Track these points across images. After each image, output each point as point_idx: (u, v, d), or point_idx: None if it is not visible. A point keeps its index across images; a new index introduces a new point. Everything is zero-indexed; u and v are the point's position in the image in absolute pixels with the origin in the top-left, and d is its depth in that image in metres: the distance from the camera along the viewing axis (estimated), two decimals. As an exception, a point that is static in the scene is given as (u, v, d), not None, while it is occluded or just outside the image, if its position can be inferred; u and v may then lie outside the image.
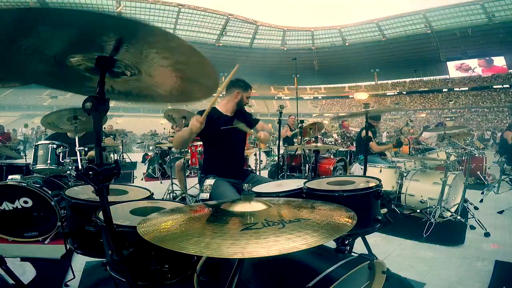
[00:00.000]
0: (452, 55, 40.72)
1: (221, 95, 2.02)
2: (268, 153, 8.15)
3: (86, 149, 2.93)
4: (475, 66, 39.95)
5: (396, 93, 45.77)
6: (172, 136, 6.32)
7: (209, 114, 2.23)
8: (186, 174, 4.11)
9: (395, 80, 47.49)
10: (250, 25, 45.33)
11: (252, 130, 2.36)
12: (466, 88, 40.49)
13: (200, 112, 2.13)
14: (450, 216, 3.10)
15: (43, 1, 32.79)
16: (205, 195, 2.01)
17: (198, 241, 0.73)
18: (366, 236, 1.81)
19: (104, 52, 0.85)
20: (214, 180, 2.09)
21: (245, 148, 2.67)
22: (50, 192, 2.55)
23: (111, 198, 1.57)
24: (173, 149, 5.44)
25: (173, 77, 0.99)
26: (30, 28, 0.68)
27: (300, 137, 5.04)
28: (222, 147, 2.25)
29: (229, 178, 2.20)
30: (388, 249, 2.63)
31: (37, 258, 2.24)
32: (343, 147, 6.61)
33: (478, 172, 5.70)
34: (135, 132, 21.89)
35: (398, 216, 3.50)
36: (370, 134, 2.93)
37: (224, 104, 2.34)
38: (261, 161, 6.34)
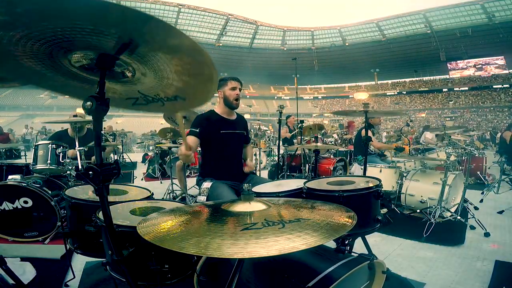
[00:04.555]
0: (452, 55, 40.73)
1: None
2: (268, 153, 8.16)
3: (86, 149, 2.94)
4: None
5: (396, 93, 45.78)
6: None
7: (209, 118, 2.23)
8: (186, 174, 4.11)
9: (395, 80, 47.51)
10: (250, 25, 45.34)
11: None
12: (466, 88, 40.50)
13: (192, 131, 2.15)
14: (450, 216, 3.10)
15: None
16: (203, 198, 2.00)
17: (198, 241, 0.73)
18: (366, 236, 1.81)
19: (108, 50, 0.84)
20: (211, 182, 2.08)
21: None
22: (50, 192, 2.55)
23: (111, 198, 1.58)
24: (173, 149, 5.44)
25: (170, 81, 0.99)
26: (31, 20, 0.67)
27: (300, 137, 5.05)
28: (221, 150, 2.23)
29: (227, 180, 2.18)
30: (388, 249, 2.63)
31: (37, 258, 2.23)
32: (342, 147, 6.62)
33: (478, 172, 5.69)
34: (135, 132, 21.87)
35: (398, 216, 3.50)
36: (369, 133, 2.93)
37: (218, 107, 2.32)
38: (261, 161, 6.35)
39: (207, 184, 2.07)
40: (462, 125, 28.44)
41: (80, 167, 2.75)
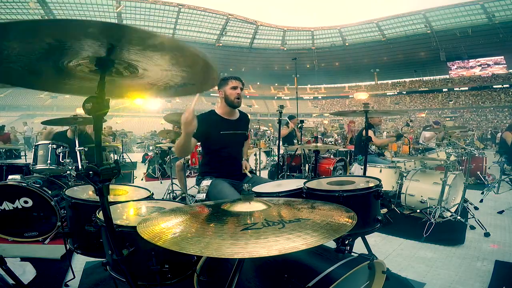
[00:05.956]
0: (452, 55, 40.72)
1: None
2: (268, 153, 8.15)
3: (86, 149, 2.94)
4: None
5: (396, 93, 45.73)
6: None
7: (209, 119, 2.22)
8: (186, 174, 4.11)
9: (395, 80, 47.46)
10: (250, 25, 45.30)
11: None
12: (466, 88, 40.47)
13: (198, 116, 2.04)
14: (450, 216, 3.10)
15: (43, 1, 32.88)
16: (202, 196, 1.99)
17: (198, 241, 0.73)
18: (366, 236, 1.81)
19: (100, 54, 0.86)
20: (211, 180, 2.07)
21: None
22: (50, 192, 2.55)
23: (111, 198, 1.58)
24: (173, 149, 5.44)
25: (172, 72, 1.01)
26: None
27: (300, 137, 5.05)
28: (221, 150, 2.22)
29: (227, 179, 2.18)
30: (388, 249, 2.63)
31: (37, 258, 2.24)
32: (343, 147, 6.63)
33: (478, 172, 5.70)
34: (135, 132, 21.86)
35: (398, 216, 3.50)
36: (370, 133, 2.93)
37: (219, 107, 2.30)
38: (261, 161, 6.35)
39: (206, 182, 2.06)
40: (461, 125, 28.44)
41: (80, 167, 2.75)
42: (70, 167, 2.71)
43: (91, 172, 0.91)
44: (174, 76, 1.03)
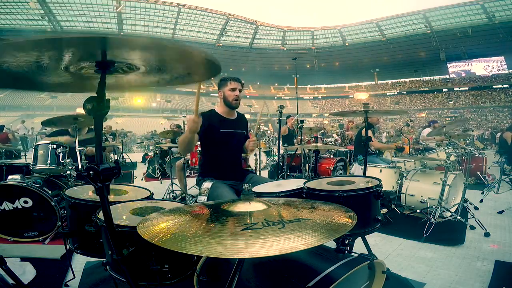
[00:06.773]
0: (452, 55, 40.74)
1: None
2: (268, 153, 8.15)
3: (86, 149, 2.94)
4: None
5: (396, 93, 45.74)
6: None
7: (209, 117, 2.23)
8: (186, 174, 4.11)
9: (395, 80, 47.46)
10: (250, 25, 45.30)
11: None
12: (466, 88, 40.49)
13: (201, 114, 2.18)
14: (450, 216, 3.10)
15: (43, 1, 32.87)
16: (203, 198, 2.00)
17: (198, 241, 0.73)
18: (366, 236, 1.81)
19: (98, 58, 0.87)
20: (212, 183, 2.08)
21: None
22: (50, 192, 2.55)
23: (111, 198, 1.58)
24: (173, 149, 5.45)
25: (175, 62, 1.02)
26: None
27: (300, 137, 5.05)
28: (221, 149, 2.24)
29: (227, 180, 2.19)
30: (388, 249, 2.63)
31: (37, 258, 2.24)
32: (342, 146, 6.63)
33: (478, 172, 5.69)
34: (135, 132, 21.85)
35: (398, 216, 3.50)
36: (370, 133, 2.93)
37: (219, 107, 2.33)
38: (261, 161, 6.34)
39: (207, 184, 2.07)
40: (461, 125, 28.38)
41: (80, 167, 2.75)
42: (70, 167, 2.71)
43: (91, 172, 0.91)
44: (176, 68, 1.04)
